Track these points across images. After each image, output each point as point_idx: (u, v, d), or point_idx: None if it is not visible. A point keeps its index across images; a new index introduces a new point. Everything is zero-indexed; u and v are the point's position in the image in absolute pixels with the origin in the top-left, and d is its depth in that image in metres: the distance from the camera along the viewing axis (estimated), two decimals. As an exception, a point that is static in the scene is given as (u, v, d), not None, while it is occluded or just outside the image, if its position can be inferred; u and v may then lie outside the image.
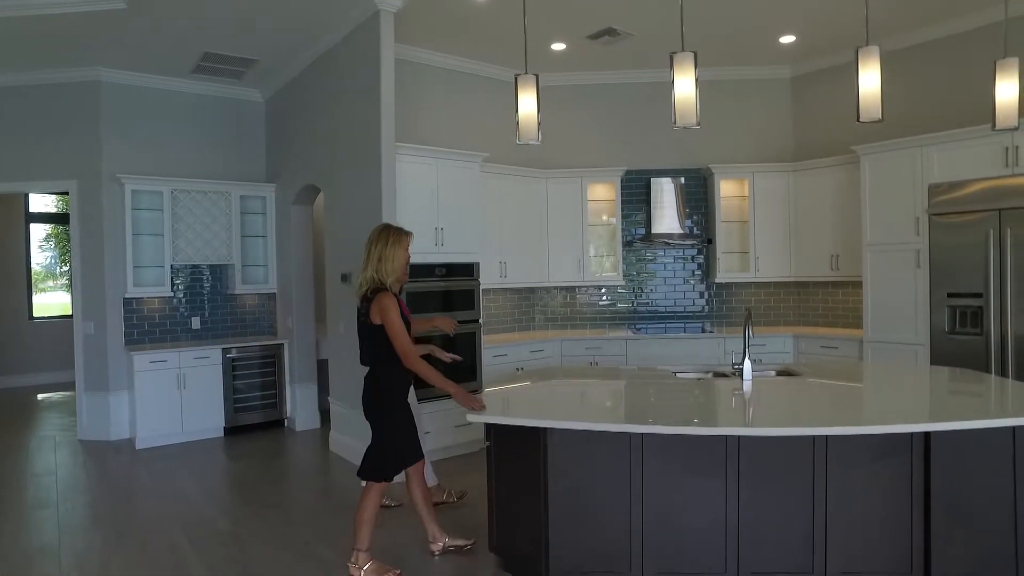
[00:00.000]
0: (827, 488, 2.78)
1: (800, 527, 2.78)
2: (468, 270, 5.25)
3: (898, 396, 3.26)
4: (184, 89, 6.28)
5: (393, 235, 3.23)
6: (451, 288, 5.13)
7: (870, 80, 2.75)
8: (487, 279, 5.72)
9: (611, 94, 6.40)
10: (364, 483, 3.23)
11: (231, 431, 6.11)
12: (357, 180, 4.98)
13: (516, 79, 3.02)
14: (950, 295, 4.83)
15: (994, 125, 3.07)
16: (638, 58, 6.01)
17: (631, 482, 2.82)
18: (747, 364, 3.49)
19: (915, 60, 5.50)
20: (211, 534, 3.74)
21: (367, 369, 3.29)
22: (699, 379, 3.62)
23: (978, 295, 4.68)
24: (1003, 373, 4.54)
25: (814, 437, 2.73)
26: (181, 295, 6.33)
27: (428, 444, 4.34)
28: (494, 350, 5.47)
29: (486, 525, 3.24)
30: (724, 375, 3.81)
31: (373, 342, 3.18)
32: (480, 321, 5.30)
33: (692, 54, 2.73)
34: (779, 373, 3.89)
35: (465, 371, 5.02)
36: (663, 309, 6.46)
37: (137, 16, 4.77)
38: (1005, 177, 4.52)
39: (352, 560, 3.11)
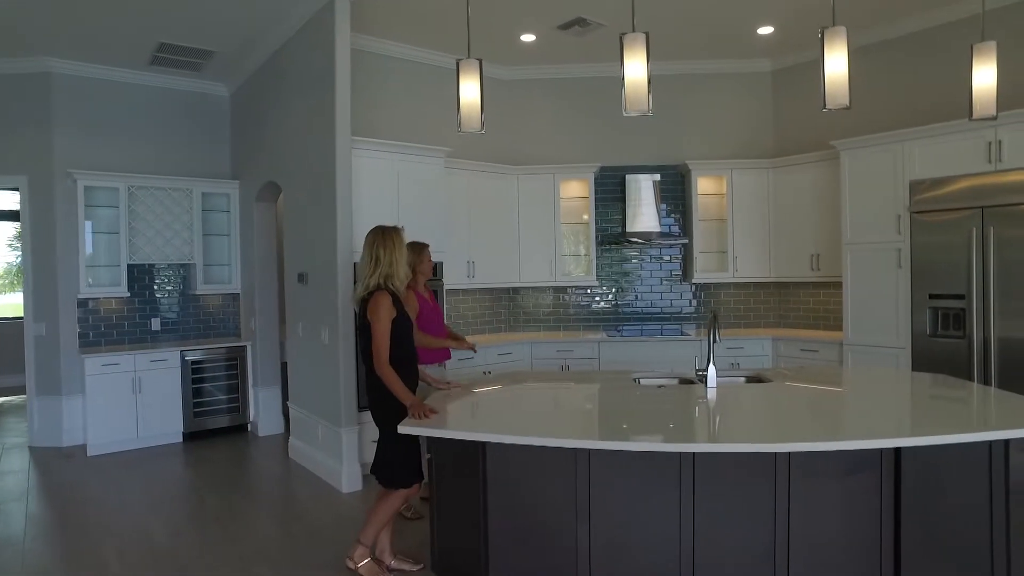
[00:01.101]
0: (790, 505, 2.58)
1: (760, 546, 2.58)
2: (432, 270, 5.02)
3: (870, 406, 3.05)
4: (143, 82, 6.05)
5: (398, 237, 3.12)
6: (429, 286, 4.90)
7: (837, 64, 2.54)
8: (455, 279, 5.51)
9: (585, 88, 6.19)
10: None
11: (190, 437, 5.88)
12: (313, 176, 4.76)
13: (457, 64, 2.80)
14: (932, 296, 4.64)
15: (971, 115, 2.87)
16: (612, 50, 5.77)
17: (577, 499, 2.61)
18: (711, 371, 3.28)
19: (899, 53, 5.30)
20: (146, 550, 3.52)
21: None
22: (661, 387, 3.41)
23: (960, 296, 4.49)
24: (985, 378, 4.35)
25: (775, 453, 2.52)
26: (140, 296, 6.09)
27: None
28: (460, 353, 5.24)
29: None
30: (691, 381, 3.60)
31: (370, 342, 3.02)
32: (444, 323, 5.07)
33: (643, 35, 2.51)
34: (749, 379, 3.69)
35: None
36: (640, 311, 6.26)
37: (86, 2, 4.54)
38: (988, 173, 4.32)
39: (349, 555, 3.06)
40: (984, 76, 2.75)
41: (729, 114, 6.17)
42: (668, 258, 6.23)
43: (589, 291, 6.27)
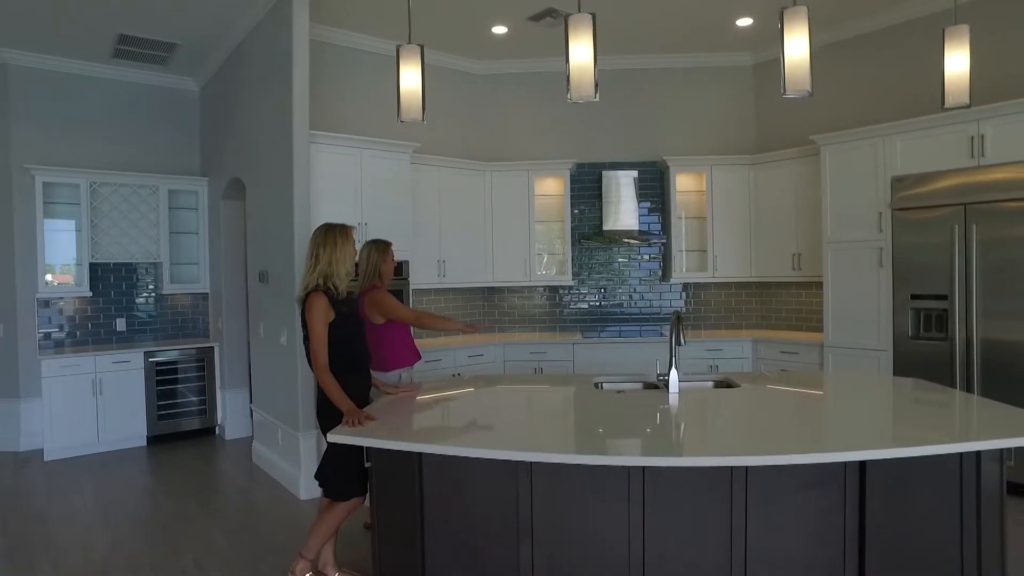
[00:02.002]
0: (747, 520, 2.40)
1: (715, 565, 2.40)
2: (396, 269, 4.84)
3: (839, 415, 2.88)
4: (107, 76, 5.88)
5: (341, 235, 2.96)
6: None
7: (798, 47, 2.37)
8: (424, 279, 5.35)
9: (560, 82, 5.95)
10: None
11: (155, 440, 5.72)
12: (272, 172, 4.60)
13: (398, 49, 2.63)
14: (914, 297, 4.47)
15: (943, 103, 2.70)
16: (588, 43, 5.62)
17: (519, 513, 2.44)
18: (673, 375, 3.11)
19: (883, 46, 5.13)
20: (83, 561, 3.36)
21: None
22: (620, 392, 3.24)
23: (943, 297, 4.31)
24: (968, 381, 4.18)
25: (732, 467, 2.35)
26: (104, 295, 5.93)
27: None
28: (428, 355, 5.08)
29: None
30: (655, 386, 3.43)
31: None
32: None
33: (590, 16, 2.35)
34: (717, 384, 3.52)
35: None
36: (618, 312, 6.09)
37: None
38: (971, 169, 4.15)
39: (290, 569, 2.91)
40: (956, 62, 2.58)
41: (709, 109, 6.00)
42: (647, 257, 6.05)
43: (566, 291, 6.10)
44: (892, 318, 4.57)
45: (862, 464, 2.38)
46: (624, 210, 5.82)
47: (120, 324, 6.02)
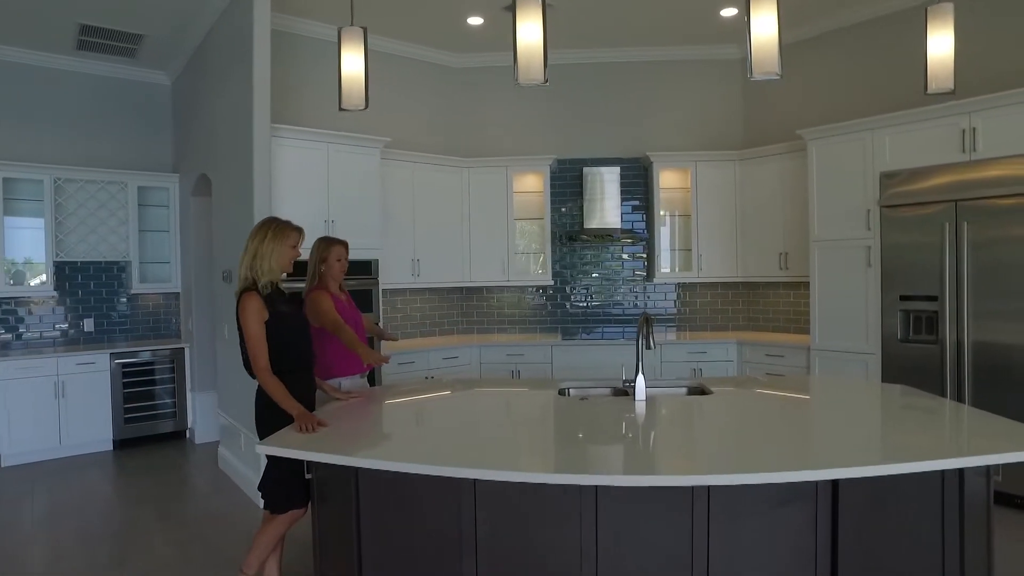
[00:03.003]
0: (710, 541, 2.21)
1: (674, 588, 2.21)
2: (365, 268, 4.69)
3: (814, 426, 2.69)
4: (73, 68, 5.70)
5: (274, 229, 2.75)
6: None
7: (765, 26, 2.18)
8: (397, 278, 5.17)
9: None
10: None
11: (122, 444, 5.54)
12: (235, 168, 4.42)
13: (339, 32, 2.45)
14: (903, 298, 4.27)
15: (927, 88, 2.51)
16: (568, 37, 5.45)
17: (462, 532, 2.25)
18: (640, 381, 2.93)
19: (878, 36, 4.93)
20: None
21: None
22: (584, 399, 3.05)
23: (933, 298, 4.12)
24: (959, 386, 3.98)
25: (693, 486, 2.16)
26: (71, 295, 5.75)
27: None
28: (400, 356, 4.90)
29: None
30: (625, 392, 3.24)
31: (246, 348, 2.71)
32: (379, 324, 4.73)
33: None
34: (691, 390, 3.33)
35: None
36: (600, 313, 5.90)
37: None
38: (962, 164, 3.96)
39: None
40: (940, 44, 2.39)
41: (695, 104, 5.81)
42: (630, 256, 5.86)
43: (546, 292, 5.91)
44: (880, 320, 4.37)
45: (835, 482, 2.20)
46: (606, 208, 5.63)
47: (88, 324, 5.84)
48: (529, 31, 2.16)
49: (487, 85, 5.85)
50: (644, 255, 5.83)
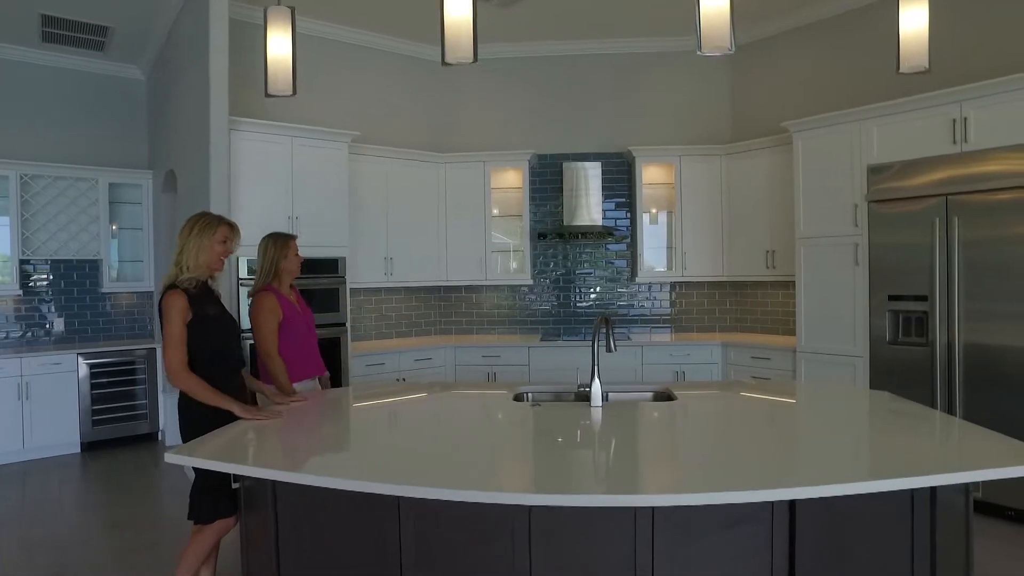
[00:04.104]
0: (654, 564, 2.02)
1: (618, 614, 2.03)
2: (331, 266, 4.52)
3: (776, 437, 2.49)
4: (40, 62, 5.57)
5: (201, 223, 2.60)
6: (309, 287, 4.37)
7: None
8: (368, 277, 5.00)
9: (518, 69, 5.64)
10: None
11: (91, 447, 5.40)
12: (195, 163, 4.26)
13: (265, 13, 2.28)
14: (891, 298, 4.06)
15: (898, 67, 2.31)
16: (548, 29, 5.27)
17: (387, 554, 2.08)
18: (596, 387, 2.74)
19: (872, 24, 4.72)
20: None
21: None
22: (536, 405, 2.86)
23: (923, 298, 3.90)
24: (950, 390, 3.77)
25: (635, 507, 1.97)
26: (39, 294, 5.62)
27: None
28: (369, 358, 4.74)
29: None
30: (586, 398, 3.05)
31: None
32: (347, 325, 4.57)
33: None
34: (657, 395, 3.14)
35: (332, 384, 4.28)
36: (582, 312, 5.71)
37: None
38: (953, 157, 3.74)
39: None
40: (913, 19, 2.18)
41: (681, 97, 5.60)
42: (613, 255, 5.67)
43: (526, 291, 5.72)
44: (868, 321, 4.16)
45: (792, 502, 2.00)
46: (588, 204, 5.43)
47: (58, 325, 5.71)
48: (456, 5, 1.98)
49: (464, 78, 5.67)
50: (627, 253, 5.63)
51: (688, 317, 5.63)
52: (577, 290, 5.70)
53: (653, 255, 5.44)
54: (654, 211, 5.45)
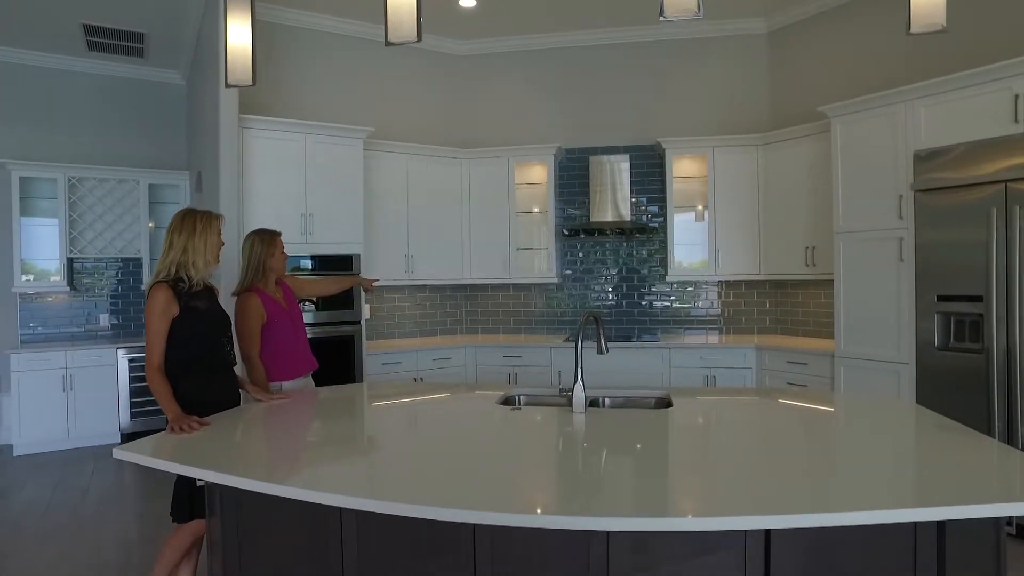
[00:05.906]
0: (617, 587, 1.83)
1: (575, 641, 1.84)
2: (345, 263, 4.49)
3: (768, 457, 2.23)
4: (87, 70, 5.84)
5: (203, 220, 2.62)
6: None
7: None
8: (388, 275, 4.94)
9: (544, 61, 5.46)
10: None
11: (131, 437, 5.60)
12: (211, 162, 4.33)
13: (224, 1, 2.22)
14: (941, 298, 3.65)
15: (909, 26, 2.02)
16: (569, 19, 5.07)
17: (329, 568, 1.97)
18: (578, 391, 2.55)
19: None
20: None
21: None
22: (514, 409, 2.69)
23: (977, 298, 3.48)
24: (1009, 402, 3.34)
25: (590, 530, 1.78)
26: (87, 291, 5.89)
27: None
28: (384, 357, 4.68)
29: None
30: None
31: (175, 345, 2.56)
32: (361, 323, 4.53)
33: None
34: (659, 402, 2.92)
35: (344, 383, 4.26)
36: (611, 312, 5.47)
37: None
38: (1013, 138, 3.31)
39: None
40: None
41: (716, 85, 5.27)
42: (644, 253, 5.40)
43: (551, 290, 5.53)
44: (915, 324, 3.76)
45: (767, 531, 1.76)
46: (616, 199, 5.20)
47: (103, 320, 5.97)
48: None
49: (487, 72, 5.55)
50: (657, 250, 5.36)
51: (724, 318, 5.30)
52: (604, 289, 5.47)
53: (685, 252, 5.14)
54: (686, 205, 5.15)
